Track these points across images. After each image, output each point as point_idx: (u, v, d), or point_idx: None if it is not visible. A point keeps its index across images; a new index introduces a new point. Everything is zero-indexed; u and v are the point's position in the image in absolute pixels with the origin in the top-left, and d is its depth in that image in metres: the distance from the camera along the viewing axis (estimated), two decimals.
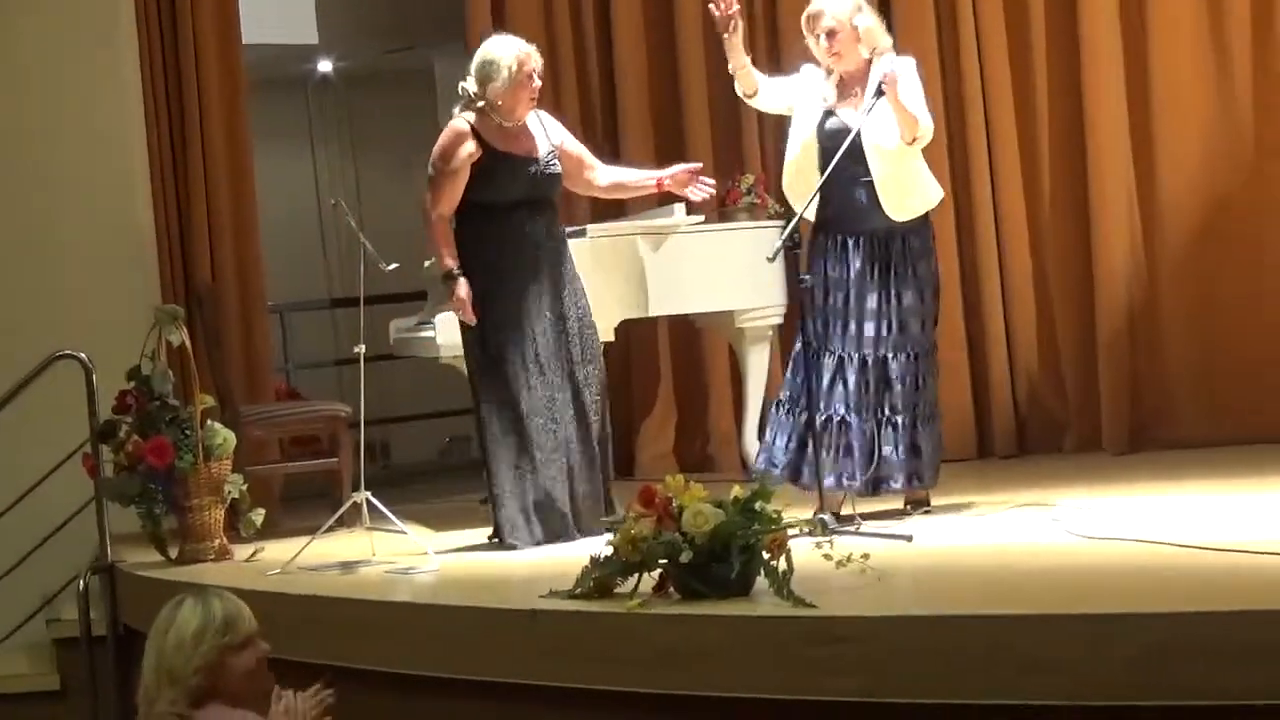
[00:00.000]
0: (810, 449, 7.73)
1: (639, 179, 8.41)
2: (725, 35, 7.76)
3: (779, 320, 9.48)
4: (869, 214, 7.75)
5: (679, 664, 6.01)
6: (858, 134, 7.57)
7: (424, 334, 9.01)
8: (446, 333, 8.72)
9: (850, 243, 7.80)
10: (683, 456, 10.30)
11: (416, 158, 13.59)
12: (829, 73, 7.85)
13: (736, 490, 6.24)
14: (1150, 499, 7.91)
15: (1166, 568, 6.28)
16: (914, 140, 7.66)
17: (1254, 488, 7.88)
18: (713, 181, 8.28)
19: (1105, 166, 9.58)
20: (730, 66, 7.87)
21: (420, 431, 13.03)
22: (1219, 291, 9.49)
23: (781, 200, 9.48)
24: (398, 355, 9.78)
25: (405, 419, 12.73)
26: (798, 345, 7.81)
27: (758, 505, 6.16)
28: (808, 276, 7.65)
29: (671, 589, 6.20)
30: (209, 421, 8.26)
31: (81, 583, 8.46)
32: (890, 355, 7.77)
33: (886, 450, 7.79)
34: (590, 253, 8.84)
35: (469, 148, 7.84)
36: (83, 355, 8.45)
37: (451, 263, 7.86)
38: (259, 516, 8.42)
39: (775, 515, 6.18)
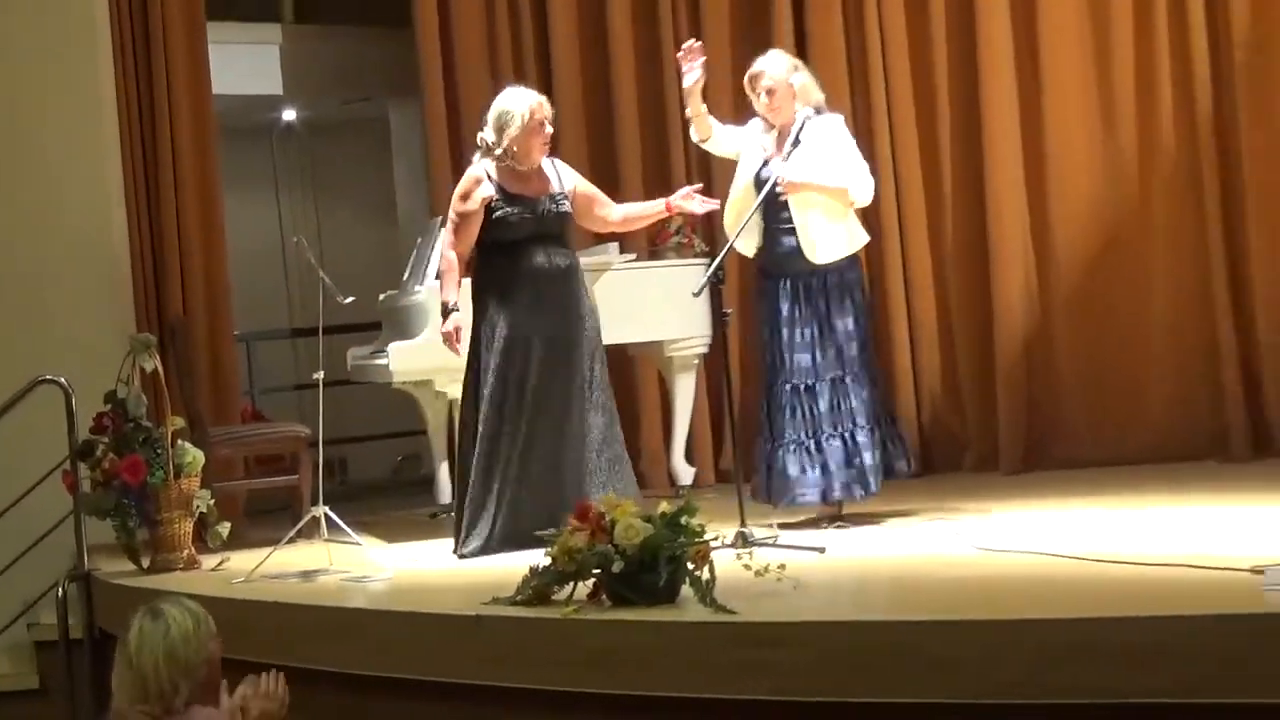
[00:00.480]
0: (774, 469, 7.93)
1: (647, 209, 8.43)
2: (686, 85, 7.89)
3: (705, 350, 9.45)
4: (794, 257, 7.87)
5: (610, 666, 6.02)
6: (774, 183, 7.70)
7: (378, 361, 8.99)
8: (399, 360, 8.71)
9: (780, 284, 7.94)
10: None
11: (373, 200, 13.66)
12: (771, 127, 7.97)
13: (664, 506, 6.26)
14: (1044, 514, 7.96)
15: (1058, 577, 6.32)
16: (851, 204, 7.89)
17: (1137, 504, 7.94)
18: (716, 201, 8.24)
19: (1003, 207, 9.62)
20: (687, 112, 8.02)
21: (375, 451, 12.97)
22: (1107, 323, 9.54)
23: (707, 239, 9.55)
24: (354, 381, 9.75)
25: (361, 439, 12.68)
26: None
27: (683, 520, 6.18)
28: (730, 311, 7.78)
29: (604, 596, 6.21)
30: (179, 441, 8.21)
31: (60, 590, 8.38)
32: (815, 382, 7.87)
33: (833, 465, 7.87)
34: None
35: (484, 191, 7.85)
36: (63, 380, 8.39)
37: (449, 297, 7.86)
38: (225, 529, 8.38)
39: (699, 529, 6.19)
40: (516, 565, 6.65)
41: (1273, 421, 9.14)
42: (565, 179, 8.07)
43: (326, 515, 7.88)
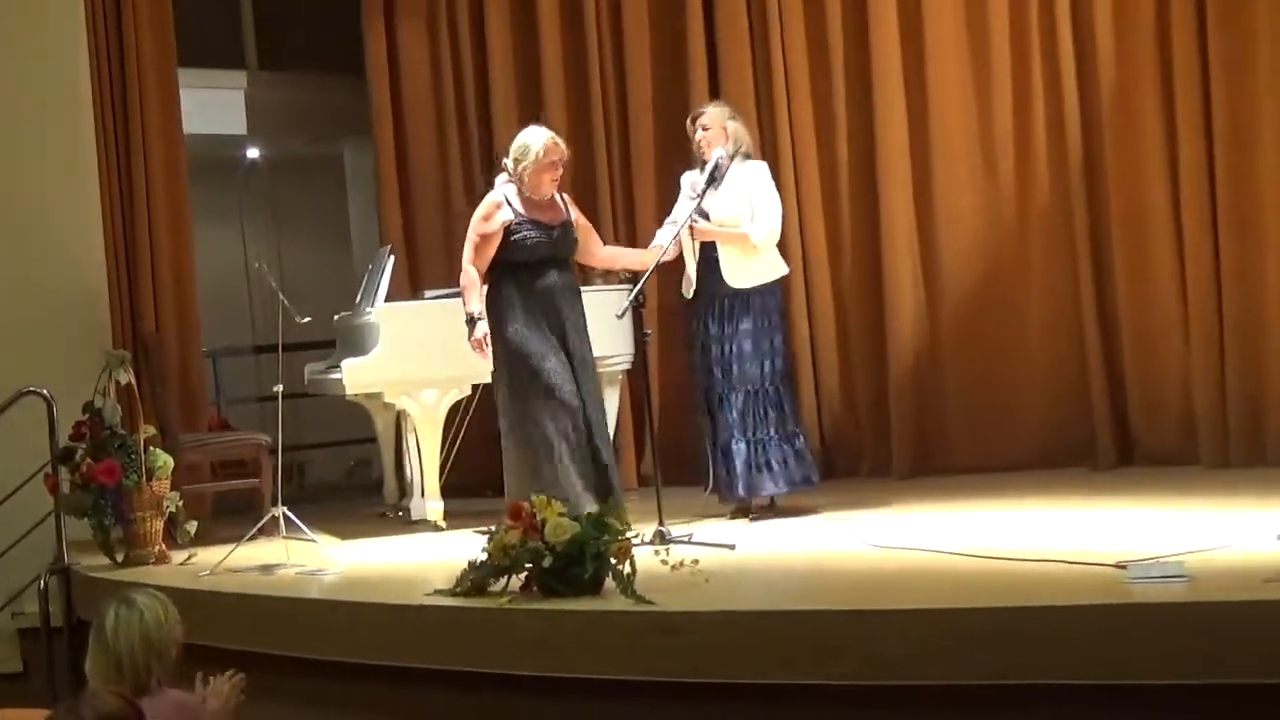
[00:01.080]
0: (714, 465, 8.09)
1: (629, 256, 8.49)
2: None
3: (628, 366, 9.46)
4: (719, 281, 8.02)
5: (541, 651, 6.05)
6: (691, 216, 7.97)
7: (333, 375, 8.97)
8: (352, 375, 8.70)
9: (711, 306, 8.09)
10: None
11: (329, 230, 13.62)
12: (702, 166, 8.11)
13: (592, 507, 6.29)
14: (932, 515, 8.01)
15: (944, 571, 6.39)
16: (753, 248, 8.02)
17: (1015, 506, 8.01)
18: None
19: (896, 241, 9.67)
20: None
21: (330, 456, 12.91)
22: (988, 346, 9.56)
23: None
24: (311, 393, 9.71)
25: (318, 446, 12.61)
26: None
27: (607, 519, 6.21)
28: (649, 332, 7.89)
29: (535, 588, 6.23)
30: (151, 447, 8.19)
31: (42, 582, 8.34)
32: (731, 392, 7.98)
33: (739, 466, 7.98)
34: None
35: (504, 214, 7.88)
36: (45, 391, 8.35)
37: (473, 308, 7.87)
38: (193, 527, 8.35)
39: (621, 528, 6.23)
40: (457, 559, 6.66)
41: (1135, 435, 9.21)
42: (571, 211, 8.11)
43: (285, 515, 7.87)
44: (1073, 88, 9.24)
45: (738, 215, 8.04)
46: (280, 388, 8.05)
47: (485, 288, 7.93)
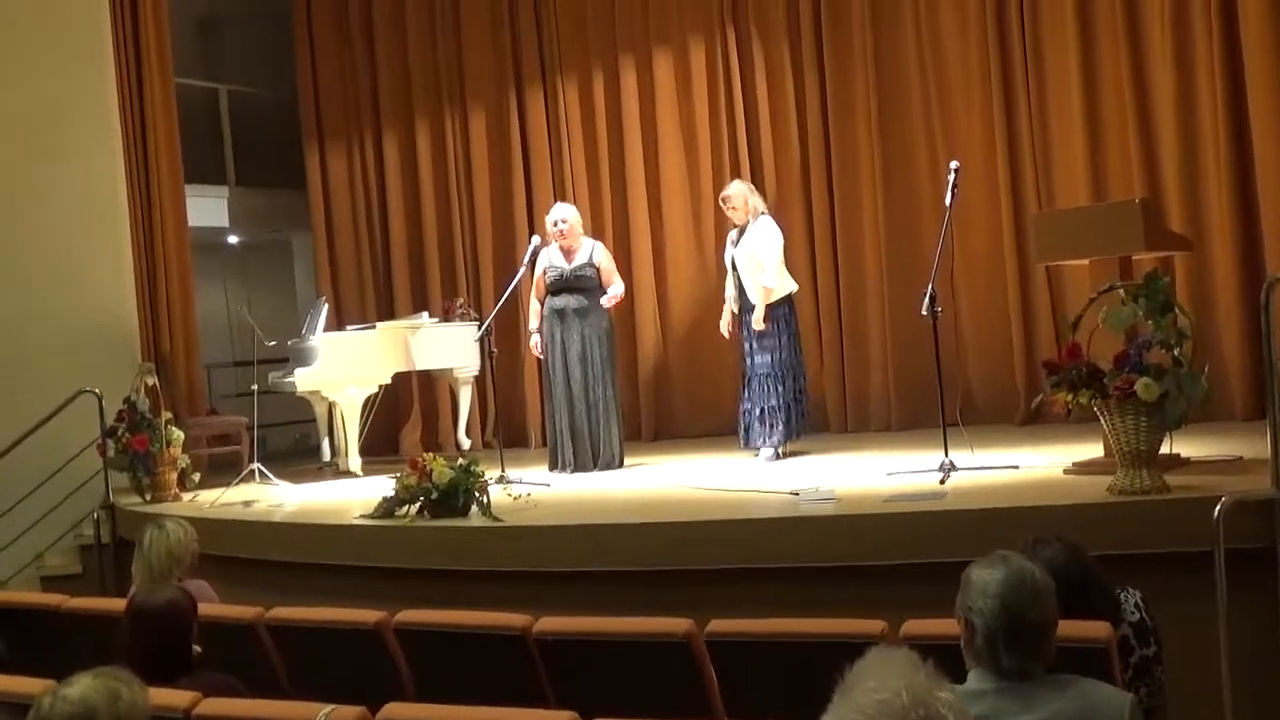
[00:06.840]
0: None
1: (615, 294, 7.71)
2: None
3: (476, 373, 9.23)
4: (745, 300, 7.23)
5: (430, 553, 5.89)
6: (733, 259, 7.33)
7: (288, 380, 8.63)
8: (301, 380, 8.40)
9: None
10: (426, 443, 10.00)
11: (282, 287, 13.14)
12: (738, 229, 7.36)
13: (461, 460, 6.13)
14: (674, 462, 7.77)
15: (688, 498, 6.30)
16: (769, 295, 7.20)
17: (728, 458, 7.73)
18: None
19: (640, 287, 9.56)
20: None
21: (286, 431, 12.43)
22: (699, 357, 9.46)
23: (477, 309, 9.37)
24: (274, 392, 9.31)
25: (278, 425, 12.14)
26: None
27: (472, 468, 6.06)
28: (495, 351, 7.65)
29: (426, 512, 6.04)
30: (168, 426, 7.86)
31: (95, 514, 7.96)
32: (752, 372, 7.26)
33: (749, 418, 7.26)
34: (378, 337, 8.59)
35: (542, 261, 7.52)
36: (97, 390, 7.95)
37: (531, 325, 7.63)
38: (197, 477, 8.07)
39: (481, 473, 6.09)
40: (371, 495, 6.40)
41: None
42: (595, 256, 7.55)
43: (259, 469, 7.67)
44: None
45: (755, 262, 7.16)
46: (255, 387, 7.84)
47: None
